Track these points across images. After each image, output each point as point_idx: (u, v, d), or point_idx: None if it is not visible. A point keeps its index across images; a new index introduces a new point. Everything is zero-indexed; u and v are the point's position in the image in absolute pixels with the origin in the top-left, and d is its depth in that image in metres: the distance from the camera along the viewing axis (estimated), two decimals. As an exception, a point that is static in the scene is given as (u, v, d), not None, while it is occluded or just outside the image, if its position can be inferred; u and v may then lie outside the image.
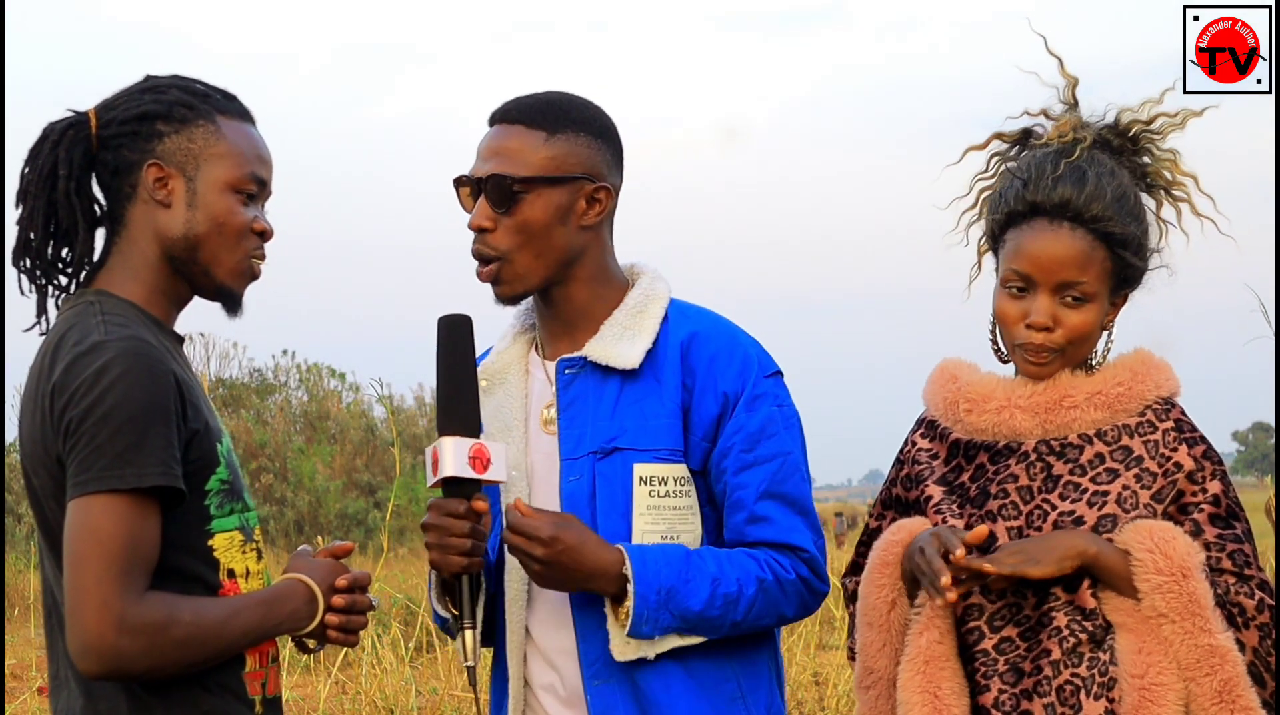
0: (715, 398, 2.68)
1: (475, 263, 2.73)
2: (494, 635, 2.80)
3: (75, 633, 2.23)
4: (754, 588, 2.63)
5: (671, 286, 2.79)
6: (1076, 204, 2.62)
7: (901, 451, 2.82)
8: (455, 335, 2.62)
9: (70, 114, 2.50)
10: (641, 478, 2.66)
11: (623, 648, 2.62)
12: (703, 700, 2.66)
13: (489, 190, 2.67)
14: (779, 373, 2.75)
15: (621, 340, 2.70)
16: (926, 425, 2.79)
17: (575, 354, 2.73)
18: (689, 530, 2.68)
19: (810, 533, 2.70)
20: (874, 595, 2.70)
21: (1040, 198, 2.64)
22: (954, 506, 2.67)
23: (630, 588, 2.57)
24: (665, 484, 2.67)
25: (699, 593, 2.60)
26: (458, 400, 2.59)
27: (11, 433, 25.45)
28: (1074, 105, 2.79)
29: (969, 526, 2.63)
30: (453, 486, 2.58)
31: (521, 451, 2.75)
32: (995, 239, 2.72)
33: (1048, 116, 2.80)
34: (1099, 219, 2.62)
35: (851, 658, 2.80)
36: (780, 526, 2.67)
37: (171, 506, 2.30)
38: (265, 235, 2.50)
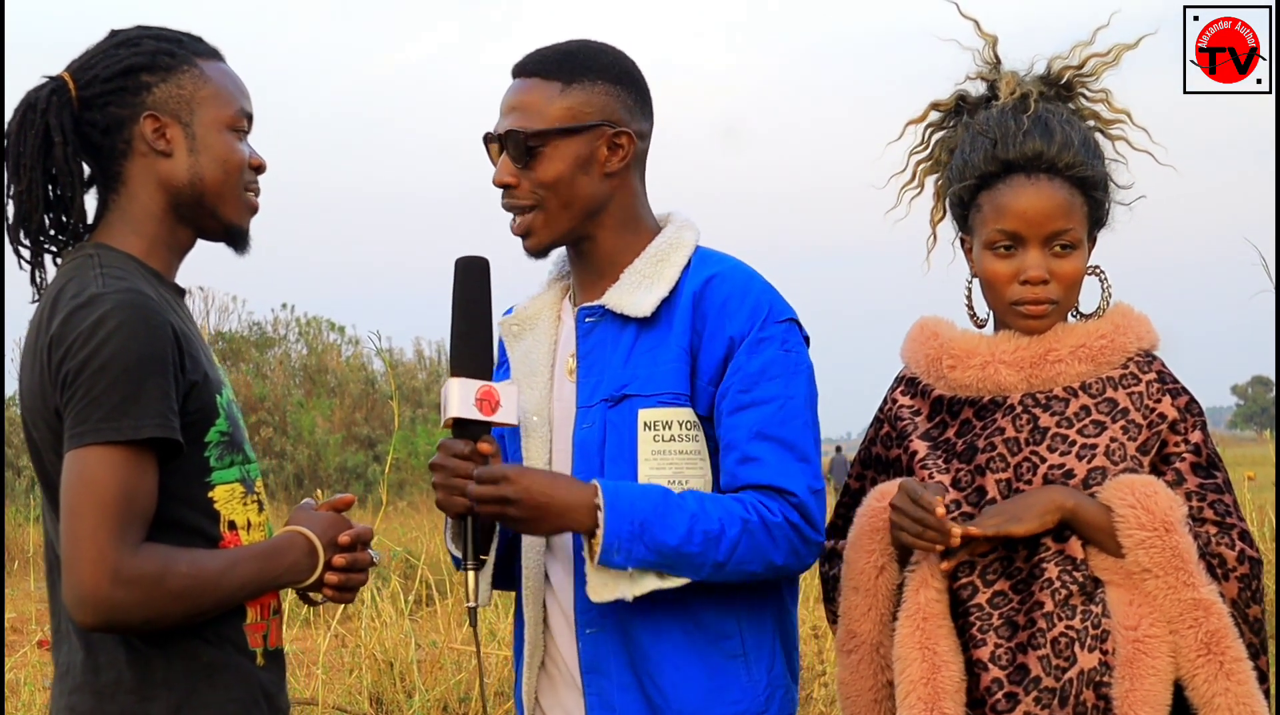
0: (722, 342, 2.63)
1: (509, 218, 2.72)
2: (513, 579, 2.79)
3: (70, 584, 2.23)
4: (737, 528, 2.53)
5: (700, 234, 2.75)
6: (1049, 155, 2.65)
7: (881, 410, 2.83)
8: (471, 276, 2.61)
9: (45, 79, 2.47)
10: (646, 423, 2.62)
11: (599, 588, 2.56)
12: (693, 654, 2.62)
13: (507, 146, 2.67)
14: (793, 320, 2.68)
15: (639, 288, 2.67)
16: (906, 383, 2.80)
17: (595, 302, 2.72)
18: (698, 475, 2.63)
19: (804, 478, 2.59)
20: (861, 560, 2.70)
21: (1013, 154, 2.66)
22: (940, 462, 2.68)
23: (601, 516, 2.50)
24: (669, 428, 2.62)
25: (675, 527, 2.51)
26: (468, 341, 2.59)
27: (11, 386, 25.52)
28: (998, 63, 2.81)
29: (955, 482, 2.65)
30: (461, 428, 2.58)
31: (545, 397, 2.74)
32: (965, 205, 2.73)
33: (983, 79, 2.82)
34: (1072, 165, 2.66)
35: (833, 621, 2.79)
36: (770, 468, 2.58)
37: (169, 458, 2.29)
38: (261, 169, 2.53)
